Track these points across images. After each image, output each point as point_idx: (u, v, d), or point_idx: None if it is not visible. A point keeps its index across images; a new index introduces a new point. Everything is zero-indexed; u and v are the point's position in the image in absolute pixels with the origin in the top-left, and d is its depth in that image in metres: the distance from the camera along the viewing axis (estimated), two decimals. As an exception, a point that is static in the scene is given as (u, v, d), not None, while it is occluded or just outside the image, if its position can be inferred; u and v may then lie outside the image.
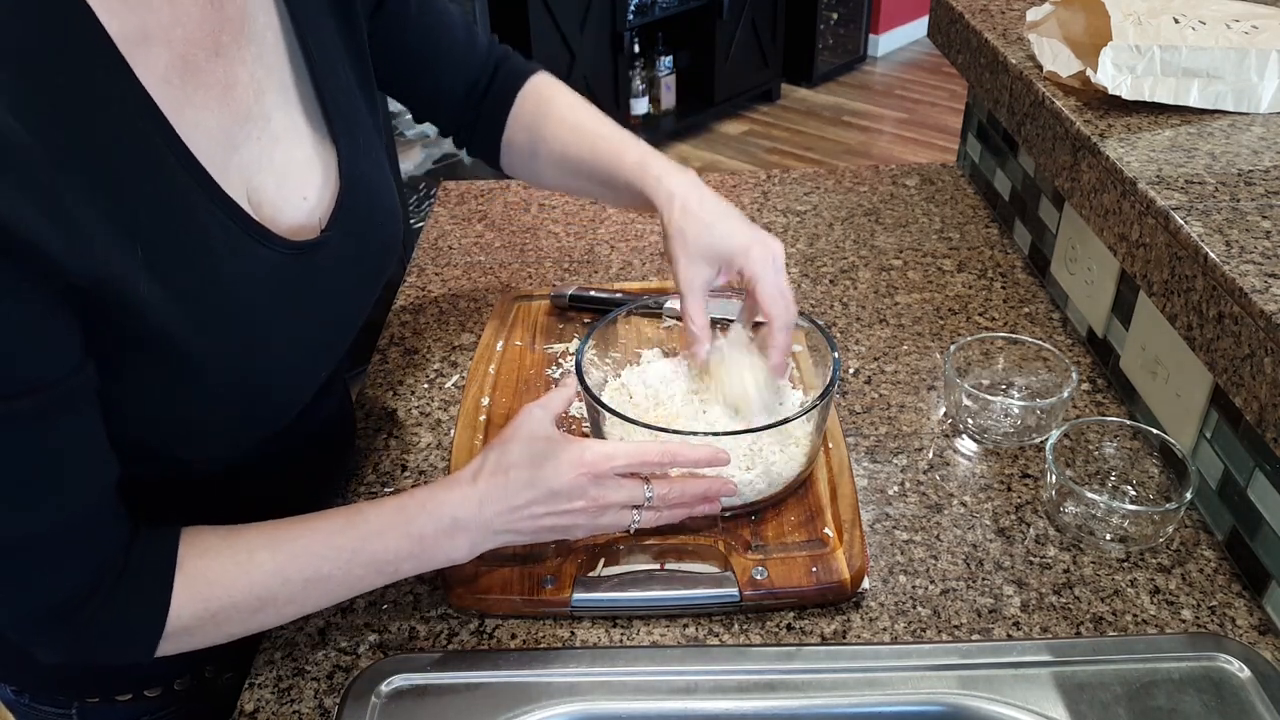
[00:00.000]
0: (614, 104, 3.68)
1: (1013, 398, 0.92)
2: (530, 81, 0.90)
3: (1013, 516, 0.81)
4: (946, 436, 0.90)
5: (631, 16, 3.62)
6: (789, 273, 1.14)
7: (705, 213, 0.79)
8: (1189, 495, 0.74)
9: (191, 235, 0.58)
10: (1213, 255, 0.67)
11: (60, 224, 0.49)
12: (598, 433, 0.79)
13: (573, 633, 0.72)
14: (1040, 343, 0.92)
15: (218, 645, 0.64)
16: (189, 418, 0.62)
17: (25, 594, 0.56)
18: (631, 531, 0.73)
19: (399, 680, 0.68)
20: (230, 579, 0.61)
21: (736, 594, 0.71)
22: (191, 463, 0.67)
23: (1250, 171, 0.78)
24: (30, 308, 0.49)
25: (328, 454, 0.86)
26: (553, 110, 0.89)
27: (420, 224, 2.89)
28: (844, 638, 0.71)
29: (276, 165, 0.65)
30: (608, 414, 0.75)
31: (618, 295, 1.06)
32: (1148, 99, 0.87)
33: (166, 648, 0.62)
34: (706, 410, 0.80)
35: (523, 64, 0.91)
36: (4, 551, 0.55)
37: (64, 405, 0.53)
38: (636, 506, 0.69)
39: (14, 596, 0.57)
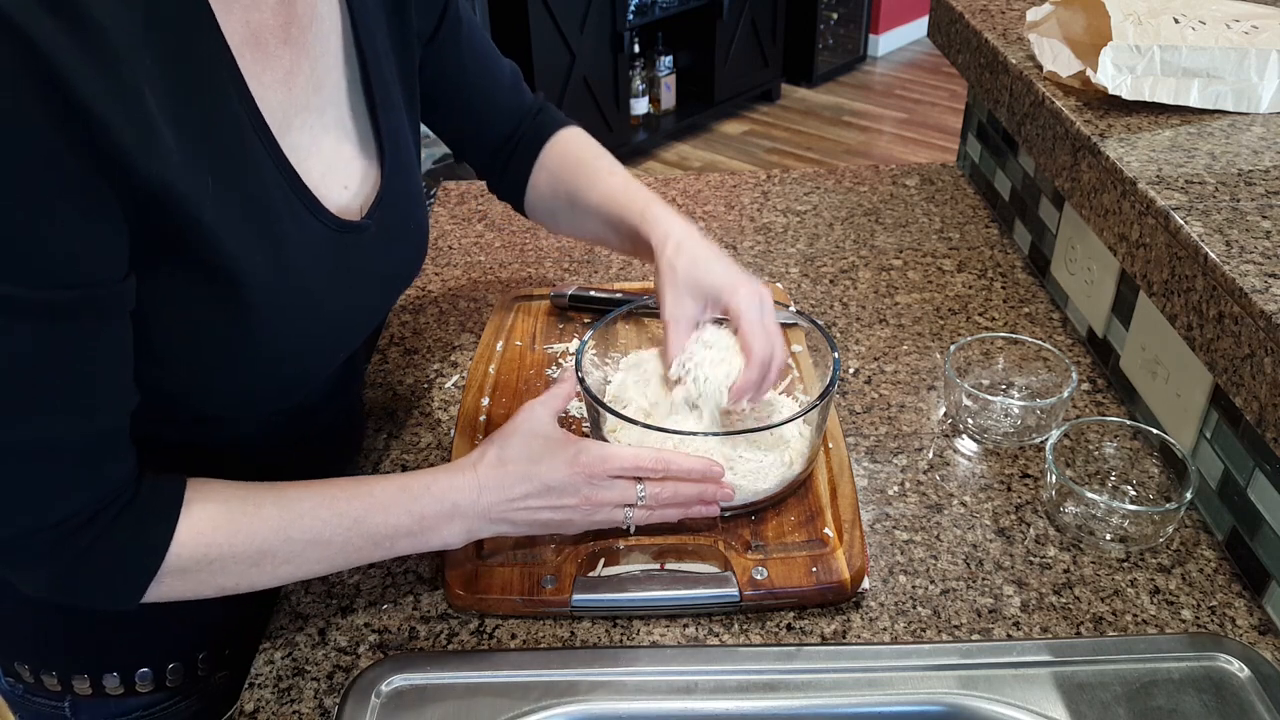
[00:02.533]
0: (614, 104, 3.68)
1: (1013, 398, 0.92)
2: (561, 132, 0.92)
3: (1013, 516, 0.81)
4: (946, 436, 0.90)
5: (631, 16, 3.62)
6: (789, 273, 1.15)
7: (698, 251, 0.79)
8: (1189, 495, 0.74)
9: (254, 186, 0.61)
10: (1213, 255, 0.67)
11: (145, 133, 0.52)
12: (597, 432, 0.79)
13: (573, 633, 0.72)
14: (1040, 343, 0.92)
15: (210, 634, 0.64)
16: (213, 362, 0.63)
17: (30, 505, 0.57)
18: (631, 531, 0.73)
19: (399, 680, 0.68)
20: (234, 527, 0.63)
21: (736, 594, 0.71)
22: (204, 422, 0.68)
23: (1250, 171, 0.78)
24: (94, 206, 0.51)
25: (333, 455, 0.86)
26: (577, 160, 0.91)
27: (420, 224, 2.89)
28: (844, 638, 0.71)
29: (325, 155, 0.68)
30: (607, 414, 0.75)
31: (618, 295, 1.06)
32: (1148, 99, 0.87)
33: (158, 591, 0.62)
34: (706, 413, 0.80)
35: (558, 115, 0.94)
36: (18, 454, 0.55)
37: (107, 310, 0.55)
38: (629, 505, 0.70)
39: (18, 506, 0.57)
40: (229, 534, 0.62)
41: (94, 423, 0.57)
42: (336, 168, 0.69)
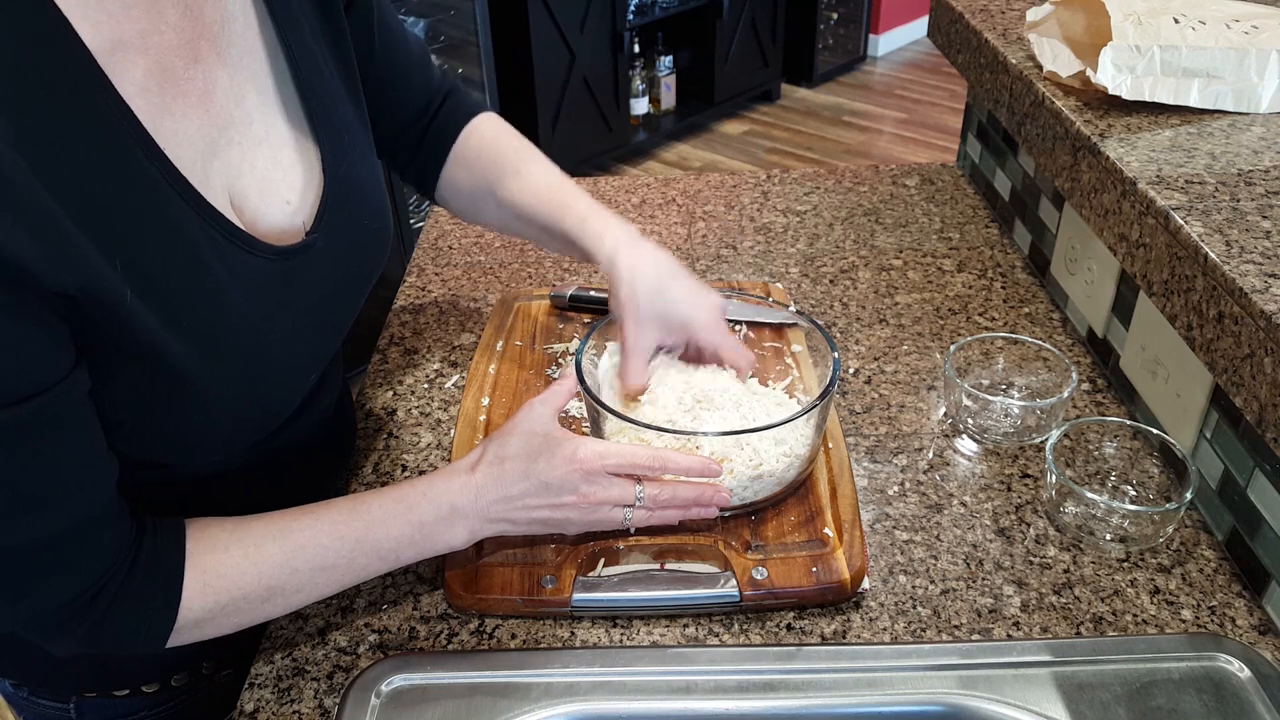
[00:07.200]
0: (614, 104, 3.68)
1: (1013, 398, 0.92)
2: (476, 120, 0.89)
3: (1013, 516, 0.81)
4: (946, 436, 0.90)
5: (631, 16, 3.62)
6: (789, 273, 1.15)
7: (654, 275, 0.79)
8: (1189, 495, 0.74)
9: (175, 245, 0.58)
10: (1213, 255, 0.67)
11: (40, 237, 0.49)
12: (597, 432, 0.79)
13: (573, 633, 0.72)
14: (1040, 343, 0.92)
15: (215, 641, 0.65)
16: (179, 428, 0.62)
17: (39, 593, 0.57)
18: (632, 531, 0.73)
19: (399, 680, 0.68)
20: (239, 572, 0.63)
21: (736, 594, 0.71)
22: (186, 469, 0.67)
23: (1250, 171, 0.78)
24: (17, 317, 0.49)
25: (328, 453, 0.86)
26: (497, 152, 0.88)
27: (420, 224, 2.89)
28: (844, 638, 0.71)
29: (259, 170, 0.65)
30: (608, 414, 0.75)
31: (618, 295, 1.06)
32: (1148, 99, 0.87)
33: (177, 639, 0.63)
34: (708, 412, 0.80)
35: (470, 101, 0.91)
36: (16, 554, 0.55)
37: (62, 408, 0.53)
38: (628, 505, 0.70)
39: (28, 596, 0.57)
40: (235, 580, 0.62)
41: (81, 506, 0.57)
42: (273, 181, 0.66)
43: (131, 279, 0.54)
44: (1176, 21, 0.87)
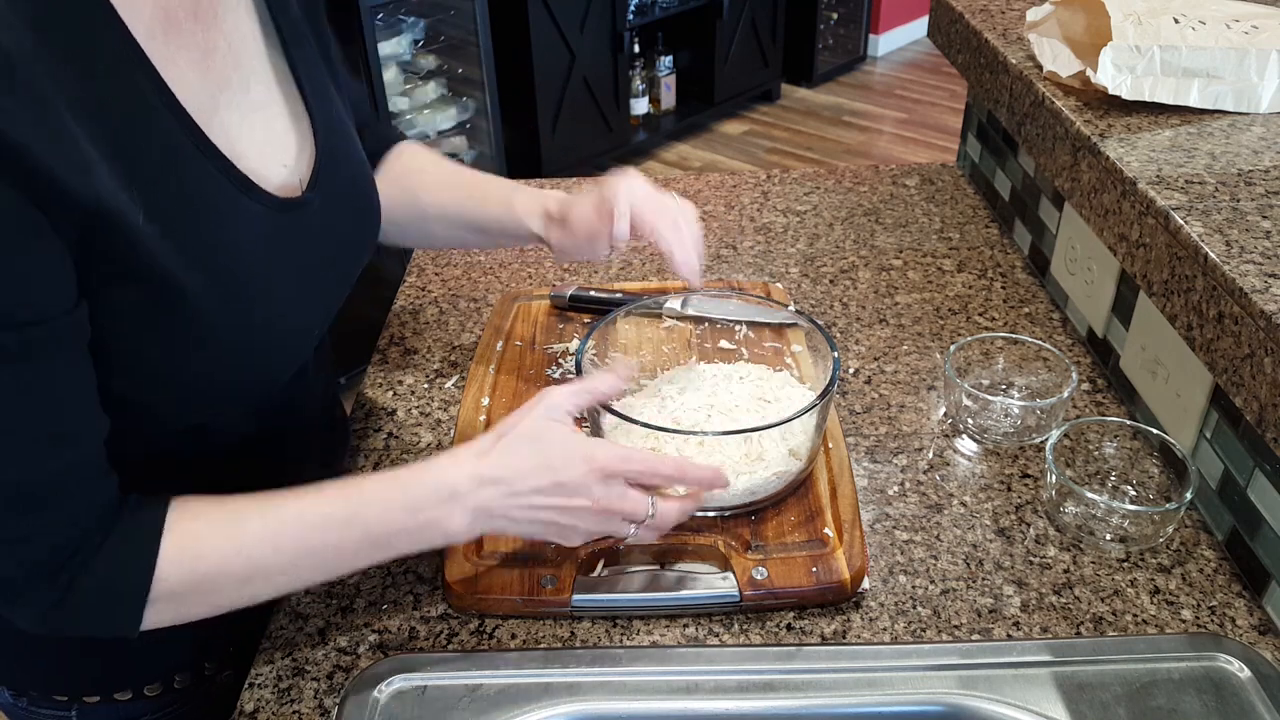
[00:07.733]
0: (614, 104, 3.68)
1: (1013, 398, 0.92)
2: (399, 145, 0.92)
3: (1013, 516, 0.81)
4: (946, 436, 0.90)
5: (631, 16, 3.62)
6: (789, 273, 1.15)
7: (566, 199, 0.83)
8: (1189, 495, 0.74)
9: (182, 180, 0.59)
10: (1213, 255, 0.67)
11: (66, 149, 0.51)
12: (597, 433, 0.79)
13: (573, 633, 0.72)
14: (1040, 343, 0.92)
15: (215, 640, 0.64)
16: (177, 367, 0.61)
17: (11, 545, 0.56)
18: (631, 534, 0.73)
19: (399, 680, 0.68)
20: (219, 542, 0.60)
21: (736, 594, 0.71)
22: (179, 434, 0.67)
23: (1250, 171, 0.78)
24: (32, 239, 0.50)
25: (322, 456, 0.86)
26: (422, 167, 0.91)
27: (420, 224, 2.89)
28: (844, 638, 0.71)
29: (256, 135, 0.66)
30: (607, 414, 0.75)
31: (618, 295, 1.06)
32: (1148, 99, 0.87)
33: (154, 617, 0.60)
34: (710, 416, 0.80)
35: (392, 130, 0.94)
36: None
37: (62, 344, 0.54)
38: (636, 522, 0.67)
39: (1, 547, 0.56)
40: (213, 550, 0.60)
41: (64, 457, 0.56)
42: (271, 144, 0.67)
43: (144, 204, 0.55)
44: (1176, 21, 0.87)
